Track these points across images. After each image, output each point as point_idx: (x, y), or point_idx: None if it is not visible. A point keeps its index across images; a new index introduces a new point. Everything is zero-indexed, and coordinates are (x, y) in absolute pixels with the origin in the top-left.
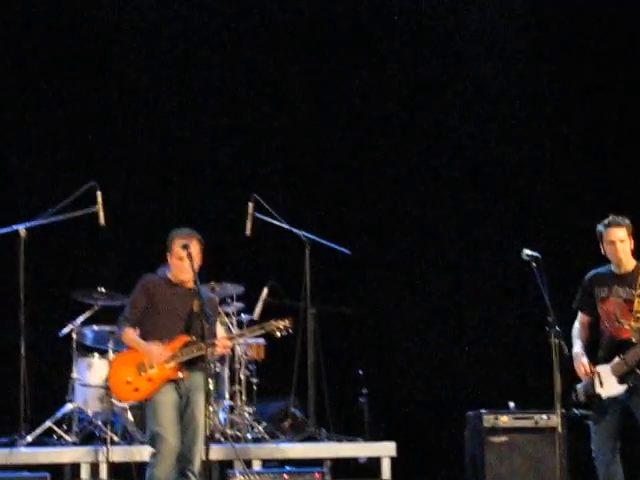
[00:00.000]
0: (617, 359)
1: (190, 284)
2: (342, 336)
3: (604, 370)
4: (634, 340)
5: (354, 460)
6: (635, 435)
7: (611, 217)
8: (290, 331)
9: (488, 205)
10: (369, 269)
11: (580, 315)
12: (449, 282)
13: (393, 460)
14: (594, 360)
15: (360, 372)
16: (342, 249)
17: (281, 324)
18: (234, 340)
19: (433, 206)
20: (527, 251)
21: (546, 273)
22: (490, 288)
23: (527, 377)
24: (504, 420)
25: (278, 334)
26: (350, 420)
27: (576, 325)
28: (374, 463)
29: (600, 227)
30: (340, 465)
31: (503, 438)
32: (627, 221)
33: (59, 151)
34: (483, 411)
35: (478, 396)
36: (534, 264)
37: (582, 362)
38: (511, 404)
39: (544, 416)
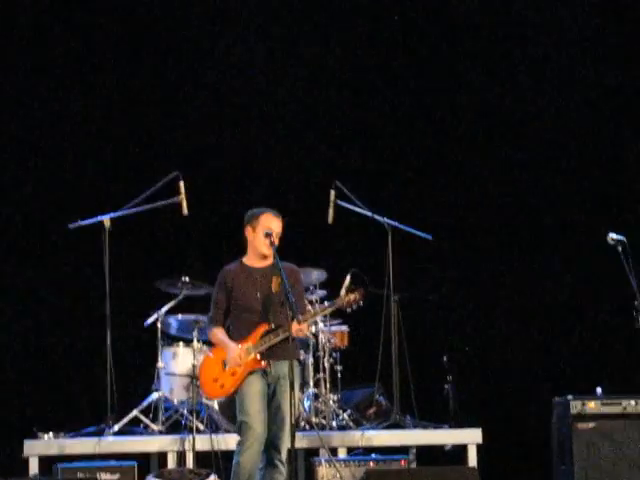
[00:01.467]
0: None
1: (268, 261)
2: (426, 323)
3: None
4: None
5: (440, 447)
6: None
7: None
8: (360, 304)
9: (572, 187)
10: (452, 255)
11: None
12: (532, 266)
13: (479, 447)
14: None
15: (445, 359)
16: (424, 235)
17: (351, 297)
18: (307, 321)
19: (514, 189)
20: (613, 235)
21: (633, 257)
22: (577, 272)
23: (616, 362)
24: (591, 406)
25: (349, 309)
26: (435, 407)
27: None
28: (460, 450)
29: None
30: (426, 452)
31: (591, 425)
32: None
33: (143, 141)
34: (570, 397)
35: (566, 382)
36: (620, 248)
37: None
38: (598, 390)
39: (632, 402)
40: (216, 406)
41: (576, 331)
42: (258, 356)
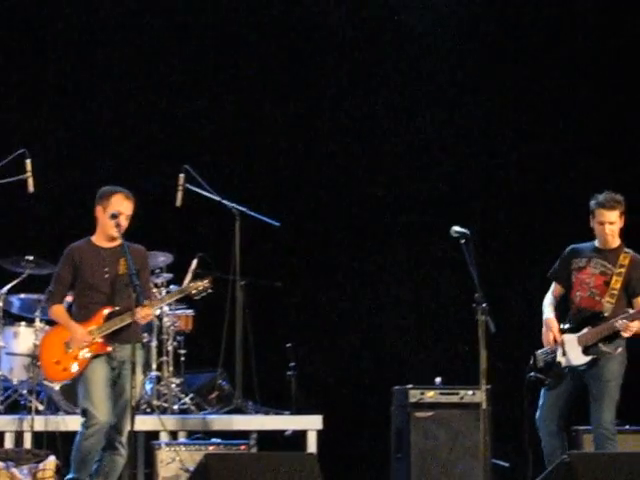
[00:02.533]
0: (586, 329)
1: (117, 241)
2: (271, 309)
3: (570, 340)
4: (606, 315)
5: (281, 433)
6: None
7: (606, 195)
8: (209, 291)
9: (416, 183)
10: (300, 242)
11: (554, 285)
12: (379, 257)
13: (319, 433)
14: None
15: (288, 345)
16: (271, 221)
17: (200, 285)
18: (154, 307)
19: (365, 181)
20: (456, 228)
21: (475, 250)
22: (418, 263)
23: (456, 353)
24: (430, 395)
25: (197, 296)
26: (277, 393)
27: (549, 295)
28: (300, 436)
29: (593, 204)
30: (266, 438)
31: (428, 413)
32: (621, 199)
33: None
34: (409, 386)
35: (406, 372)
36: (463, 241)
37: (553, 329)
38: (438, 380)
39: (469, 392)
40: (57, 387)
41: (418, 323)
42: (102, 340)
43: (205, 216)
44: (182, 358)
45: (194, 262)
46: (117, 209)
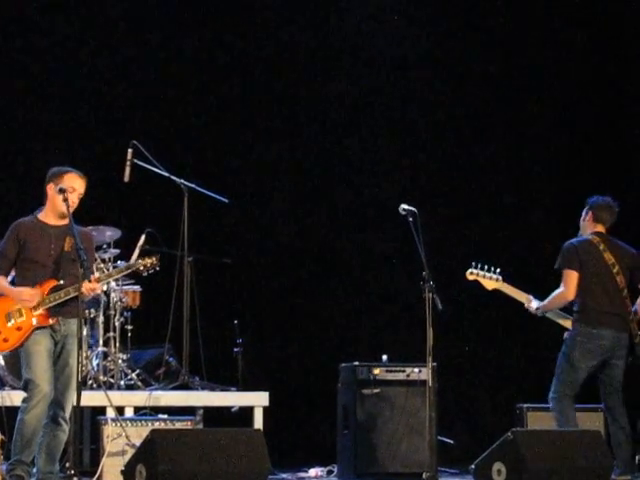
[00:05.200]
0: None
1: (65, 221)
2: (219, 285)
3: None
4: None
5: (227, 409)
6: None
7: (610, 201)
8: (157, 269)
9: (369, 156)
10: (249, 219)
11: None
12: (325, 231)
13: (266, 410)
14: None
15: (235, 322)
16: (220, 198)
17: (148, 262)
18: (101, 282)
19: (317, 151)
20: (404, 206)
21: (423, 228)
22: (366, 241)
23: (401, 331)
24: (377, 372)
25: (145, 272)
26: (224, 370)
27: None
28: (247, 412)
29: (592, 205)
30: (213, 414)
31: (375, 390)
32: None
33: None
34: (356, 363)
35: (354, 349)
36: (411, 219)
37: None
38: (384, 357)
39: (416, 369)
40: (1, 361)
41: (366, 300)
42: (45, 312)
43: (153, 192)
44: (129, 334)
45: (142, 238)
46: (71, 186)
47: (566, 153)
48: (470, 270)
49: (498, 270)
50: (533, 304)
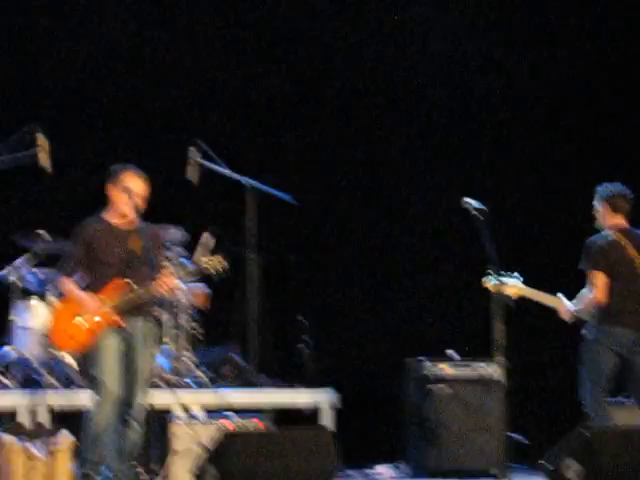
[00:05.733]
0: None
1: (131, 220)
2: (284, 283)
3: None
4: None
5: (295, 407)
6: None
7: (623, 187)
8: (226, 268)
9: (425, 152)
10: (313, 216)
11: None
12: (387, 229)
13: (334, 407)
14: None
15: (302, 319)
16: (285, 197)
17: (216, 262)
18: (174, 279)
19: (377, 154)
20: (469, 200)
21: (489, 223)
22: (429, 236)
23: (469, 326)
24: (444, 368)
25: (214, 272)
26: (291, 367)
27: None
28: (315, 411)
29: (605, 195)
30: (280, 412)
31: (443, 386)
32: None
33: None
34: (423, 358)
35: (420, 345)
36: (477, 214)
37: None
38: (452, 352)
39: (485, 365)
40: (71, 361)
41: (430, 293)
42: (113, 312)
43: (217, 190)
44: (196, 333)
45: (205, 235)
46: (128, 185)
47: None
48: (484, 279)
49: (515, 274)
50: (567, 307)
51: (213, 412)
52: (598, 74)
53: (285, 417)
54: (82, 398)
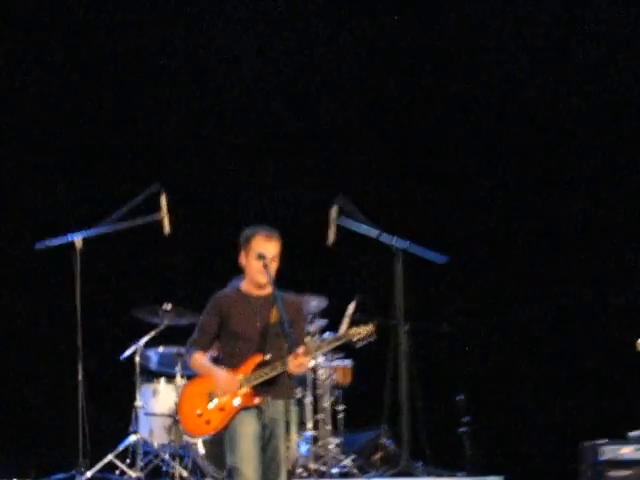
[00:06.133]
0: None
1: (268, 289)
2: (439, 357)
3: None
4: None
5: None
6: None
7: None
8: (373, 338)
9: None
10: (468, 279)
11: None
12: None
13: None
14: None
15: (460, 397)
16: (437, 257)
17: (363, 330)
18: (309, 355)
19: (538, 212)
20: None
21: None
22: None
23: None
24: (626, 452)
25: (359, 343)
26: (450, 452)
27: None
28: None
29: None
30: None
31: (625, 472)
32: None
33: (121, 152)
34: (601, 442)
35: (597, 426)
36: None
37: None
38: (633, 434)
39: None
40: (201, 450)
41: (604, 370)
42: (251, 391)
43: (361, 254)
44: (340, 415)
45: (352, 305)
46: (262, 250)
47: None
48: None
49: None
50: None
51: None
52: None
53: None
54: None
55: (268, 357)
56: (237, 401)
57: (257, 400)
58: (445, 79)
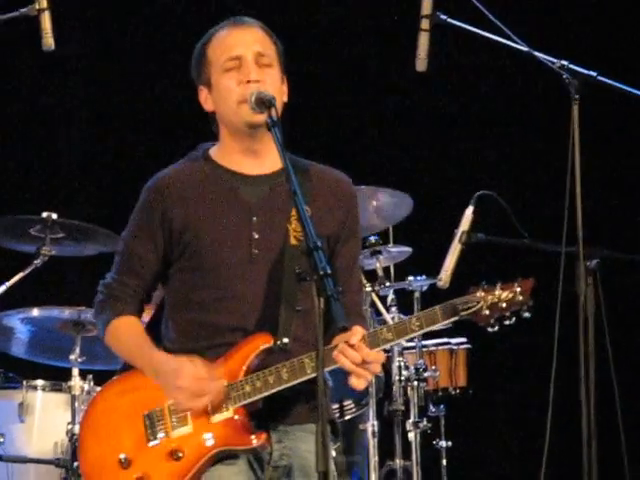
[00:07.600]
0: None
1: (271, 158)
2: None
3: None
4: None
5: None
6: None
7: None
8: (528, 313)
9: None
10: None
11: None
12: None
13: None
14: None
15: None
16: None
17: (510, 292)
18: (394, 340)
19: None
20: None
21: None
22: None
23: None
24: None
25: (495, 326)
26: None
27: None
28: None
29: None
30: None
31: None
32: None
33: None
34: None
35: None
36: None
37: None
38: None
39: None
40: None
41: None
42: (243, 415)
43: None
44: (443, 448)
45: (469, 211)
46: (228, 53)
47: None
48: None
49: None
50: None
51: None
52: None
53: None
54: None
55: (286, 340)
56: (210, 438)
57: (255, 439)
58: None
